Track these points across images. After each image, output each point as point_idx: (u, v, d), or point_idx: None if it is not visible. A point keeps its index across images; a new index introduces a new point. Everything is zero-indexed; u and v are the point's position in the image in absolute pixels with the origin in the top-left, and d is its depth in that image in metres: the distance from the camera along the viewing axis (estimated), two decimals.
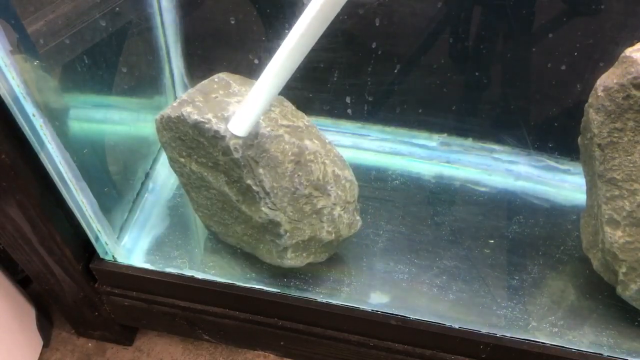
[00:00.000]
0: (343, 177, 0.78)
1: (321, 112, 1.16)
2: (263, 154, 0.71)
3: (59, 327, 1.15)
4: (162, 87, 1.15)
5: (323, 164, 0.76)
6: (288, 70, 0.62)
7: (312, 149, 0.75)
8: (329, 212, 0.78)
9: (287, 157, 0.73)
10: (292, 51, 0.60)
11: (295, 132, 0.75)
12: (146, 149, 1.10)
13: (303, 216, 0.77)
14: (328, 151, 0.79)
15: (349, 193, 0.79)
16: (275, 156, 0.72)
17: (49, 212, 0.82)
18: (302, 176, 0.75)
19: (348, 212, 0.80)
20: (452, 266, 0.96)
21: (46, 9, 0.77)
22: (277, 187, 0.74)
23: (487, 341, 0.86)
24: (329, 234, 0.81)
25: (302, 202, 0.76)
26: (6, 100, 0.68)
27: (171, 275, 0.93)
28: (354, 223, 0.83)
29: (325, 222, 0.80)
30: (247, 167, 0.72)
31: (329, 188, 0.77)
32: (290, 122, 0.76)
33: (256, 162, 0.72)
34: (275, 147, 0.72)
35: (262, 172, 0.72)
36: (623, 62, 0.70)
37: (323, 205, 0.78)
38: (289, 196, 0.75)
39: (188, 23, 1.09)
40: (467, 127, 1.13)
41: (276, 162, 0.73)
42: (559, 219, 1.05)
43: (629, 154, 0.73)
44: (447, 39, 1.00)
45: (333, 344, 0.96)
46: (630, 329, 0.88)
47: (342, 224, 0.80)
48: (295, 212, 0.76)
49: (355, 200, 0.82)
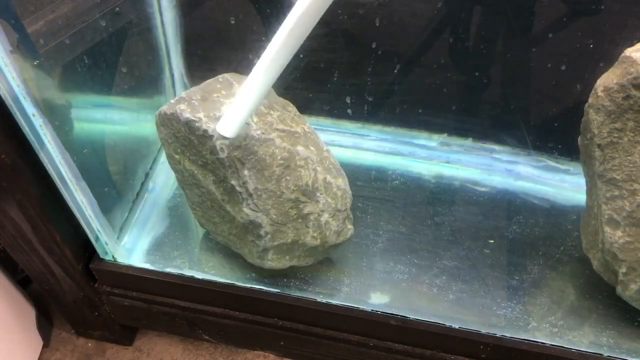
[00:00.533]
0: (335, 185, 0.77)
1: (321, 112, 1.16)
2: (250, 156, 0.72)
3: (58, 327, 1.15)
4: (162, 87, 1.15)
5: (314, 170, 0.75)
6: (276, 70, 0.62)
7: (303, 155, 0.75)
8: (316, 218, 0.78)
9: (275, 160, 0.73)
10: (279, 51, 0.60)
11: (290, 137, 0.75)
12: (146, 149, 1.10)
13: (287, 220, 0.78)
14: (324, 159, 0.79)
15: (340, 201, 0.78)
16: (263, 159, 0.73)
17: (49, 212, 0.82)
18: (290, 180, 0.75)
19: (337, 219, 0.80)
20: (452, 266, 0.96)
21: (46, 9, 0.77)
22: (261, 189, 0.74)
23: (487, 341, 0.86)
24: (313, 239, 0.81)
25: (287, 205, 0.76)
26: (6, 100, 0.68)
27: (171, 275, 0.93)
28: (344, 231, 0.82)
29: (311, 227, 0.80)
30: (232, 168, 0.72)
31: (318, 195, 0.77)
32: (287, 127, 0.76)
33: (242, 163, 0.72)
34: (264, 150, 0.72)
35: (247, 173, 0.73)
36: (623, 62, 0.70)
37: (310, 211, 0.78)
38: (273, 199, 0.75)
39: (188, 23, 1.09)
40: (467, 127, 1.13)
41: (263, 165, 0.73)
42: (559, 219, 1.04)
43: (629, 154, 0.73)
44: (447, 39, 1.00)
45: (333, 344, 0.96)
46: (630, 329, 0.88)
47: (329, 230, 0.80)
48: (279, 215, 0.77)
49: (347, 209, 0.82)
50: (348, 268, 0.96)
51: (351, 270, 0.95)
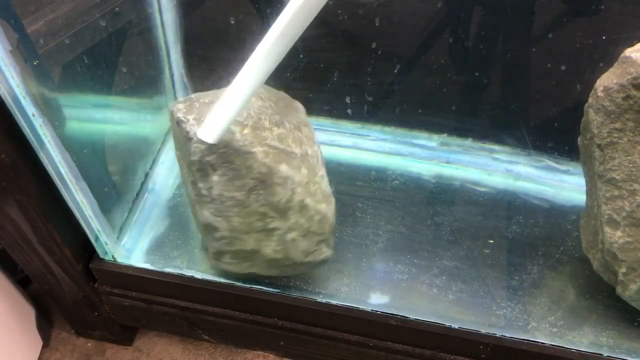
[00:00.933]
0: (314, 209, 0.78)
1: (321, 112, 1.16)
2: (225, 164, 0.73)
3: (58, 327, 1.15)
4: (162, 87, 1.15)
5: (292, 190, 0.76)
6: (260, 77, 0.62)
7: (284, 174, 0.75)
8: (281, 234, 0.80)
9: (251, 173, 0.74)
10: (265, 57, 0.60)
11: (279, 156, 0.76)
12: (146, 149, 1.10)
13: (251, 229, 0.80)
14: (312, 183, 0.79)
15: (315, 225, 0.79)
16: (238, 169, 0.74)
17: (49, 212, 0.82)
18: (261, 195, 0.76)
19: (309, 240, 0.80)
20: (452, 266, 0.96)
21: (46, 9, 0.77)
22: (227, 196, 0.76)
23: (487, 341, 0.86)
24: (275, 253, 0.82)
25: (254, 217, 0.78)
26: (6, 100, 0.68)
27: (171, 275, 0.93)
28: (316, 252, 0.83)
29: (274, 241, 0.81)
30: (202, 172, 0.75)
31: (290, 213, 0.78)
32: (283, 146, 0.77)
33: (214, 169, 0.74)
34: (241, 162, 0.74)
35: (215, 179, 0.74)
36: (623, 62, 0.70)
37: (276, 227, 0.79)
38: (239, 208, 0.77)
39: (188, 23, 1.09)
40: (467, 127, 1.13)
41: (237, 175, 0.74)
42: (558, 219, 1.05)
43: (629, 154, 0.73)
44: (447, 39, 1.00)
45: (333, 344, 0.96)
46: (630, 329, 0.88)
47: (295, 248, 0.81)
48: (242, 224, 0.79)
49: (325, 234, 0.81)
50: (348, 268, 0.96)
51: (351, 270, 0.95)
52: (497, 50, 1.00)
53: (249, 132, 0.75)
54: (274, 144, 0.75)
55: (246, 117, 0.76)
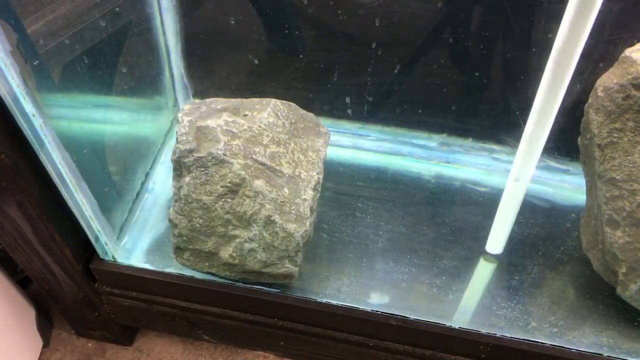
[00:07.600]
0: (280, 227, 0.78)
1: (321, 112, 1.16)
2: (200, 168, 0.77)
3: (58, 327, 1.16)
4: (162, 87, 1.15)
5: (260, 205, 0.78)
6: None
7: (256, 189, 0.77)
8: (240, 242, 0.82)
9: (223, 181, 0.77)
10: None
11: (259, 171, 0.77)
12: (146, 149, 1.10)
13: (212, 232, 0.82)
14: (290, 204, 0.79)
15: (278, 241, 0.80)
16: (212, 175, 0.77)
17: (49, 212, 0.82)
18: (228, 203, 0.78)
19: (269, 254, 0.82)
20: (452, 266, 0.96)
21: (46, 9, 0.77)
22: (194, 198, 0.79)
23: (487, 341, 0.86)
24: (231, 258, 0.84)
25: (217, 222, 0.81)
26: (6, 100, 0.68)
27: (171, 275, 0.93)
28: (277, 266, 0.83)
29: (232, 248, 0.83)
30: (177, 171, 0.79)
31: (253, 226, 0.80)
32: (272, 164, 0.78)
33: (188, 171, 0.77)
34: (217, 169, 0.76)
35: (187, 180, 0.78)
36: (623, 62, 0.70)
37: (237, 235, 0.81)
38: (203, 210, 0.80)
39: (188, 23, 1.09)
40: (467, 127, 1.13)
41: (209, 181, 0.77)
42: (559, 219, 1.05)
43: (629, 154, 0.73)
44: (447, 39, 1.01)
45: (333, 344, 0.96)
46: (630, 329, 0.88)
47: (251, 257, 0.83)
48: (205, 226, 0.82)
49: (289, 251, 0.81)
50: (348, 268, 0.96)
51: (351, 270, 0.95)
52: (497, 50, 1.00)
53: (239, 143, 0.77)
54: (261, 159, 0.78)
55: (244, 130, 0.77)
